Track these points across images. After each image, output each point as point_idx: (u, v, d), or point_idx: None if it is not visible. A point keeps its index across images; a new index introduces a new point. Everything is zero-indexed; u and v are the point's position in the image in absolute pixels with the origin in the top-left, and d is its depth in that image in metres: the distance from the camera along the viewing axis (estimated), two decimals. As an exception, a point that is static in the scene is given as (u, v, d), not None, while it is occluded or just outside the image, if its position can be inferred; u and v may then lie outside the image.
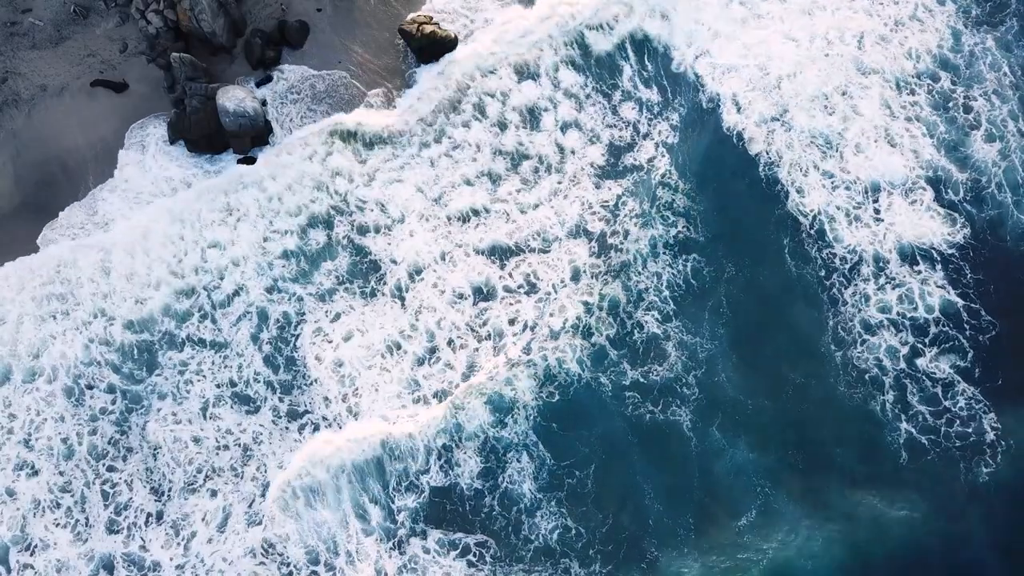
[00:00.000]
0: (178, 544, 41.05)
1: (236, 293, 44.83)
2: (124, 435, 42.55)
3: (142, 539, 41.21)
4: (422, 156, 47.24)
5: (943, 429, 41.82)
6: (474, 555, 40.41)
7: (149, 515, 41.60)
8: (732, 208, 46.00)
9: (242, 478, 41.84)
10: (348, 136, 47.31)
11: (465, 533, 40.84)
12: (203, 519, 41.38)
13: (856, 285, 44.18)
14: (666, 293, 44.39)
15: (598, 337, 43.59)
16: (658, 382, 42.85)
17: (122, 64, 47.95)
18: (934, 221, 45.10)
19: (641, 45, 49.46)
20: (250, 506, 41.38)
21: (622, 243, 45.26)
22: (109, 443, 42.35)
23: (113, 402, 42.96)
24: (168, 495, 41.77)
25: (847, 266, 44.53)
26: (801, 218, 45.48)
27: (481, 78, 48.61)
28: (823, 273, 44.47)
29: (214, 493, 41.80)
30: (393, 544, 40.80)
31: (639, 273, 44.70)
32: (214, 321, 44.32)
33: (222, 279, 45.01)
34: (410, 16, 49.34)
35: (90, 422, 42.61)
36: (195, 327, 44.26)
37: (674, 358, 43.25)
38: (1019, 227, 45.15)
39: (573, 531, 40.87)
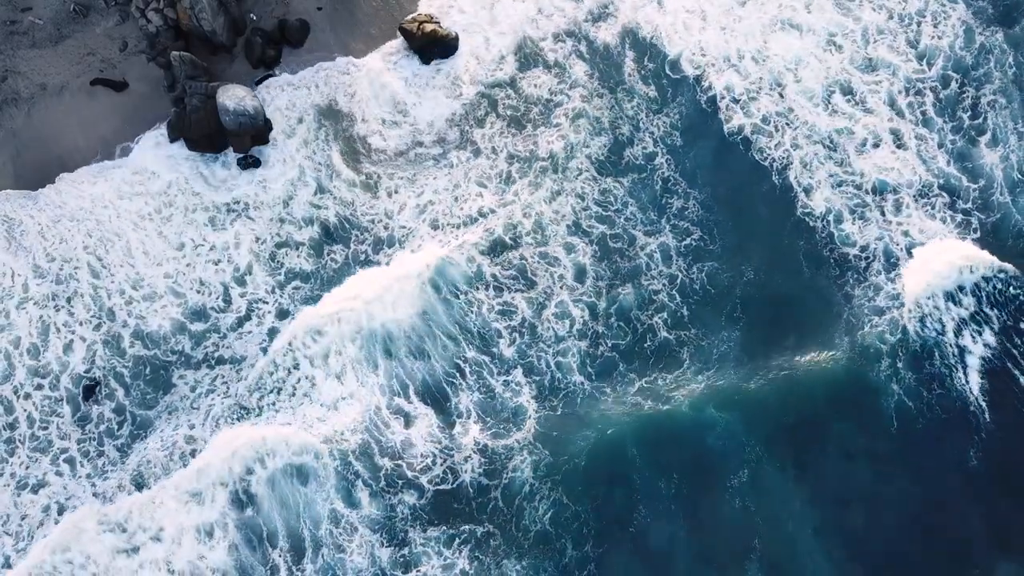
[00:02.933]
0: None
1: (247, 316, 44.13)
2: (126, 457, 42.01)
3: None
4: (428, 154, 47.17)
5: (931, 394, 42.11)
6: (480, 540, 40.09)
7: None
8: (739, 211, 45.73)
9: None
10: (349, 139, 47.26)
11: (471, 524, 40.58)
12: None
13: (866, 284, 43.87)
14: (679, 299, 44.09)
15: (604, 347, 43.24)
16: (665, 386, 42.63)
17: (122, 63, 47.79)
18: (943, 223, 44.86)
19: (638, 37, 49.32)
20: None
21: (628, 248, 45.03)
22: (110, 462, 41.78)
23: (121, 424, 42.36)
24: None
25: (858, 265, 44.21)
26: (810, 220, 45.18)
27: (483, 70, 48.67)
28: (835, 272, 44.18)
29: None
30: (389, 537, 40.42)
31: (651, 280, 44.38)
32: (225, 341, 43.76)
33: (229, 302, 44.38)
34: (410, 15, 49.21)
35: (97, 445, 42.01)
36: (210, 349, 43.59)
37: (687, 363, 42.95)
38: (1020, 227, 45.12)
39: (568, 512, 40.50)
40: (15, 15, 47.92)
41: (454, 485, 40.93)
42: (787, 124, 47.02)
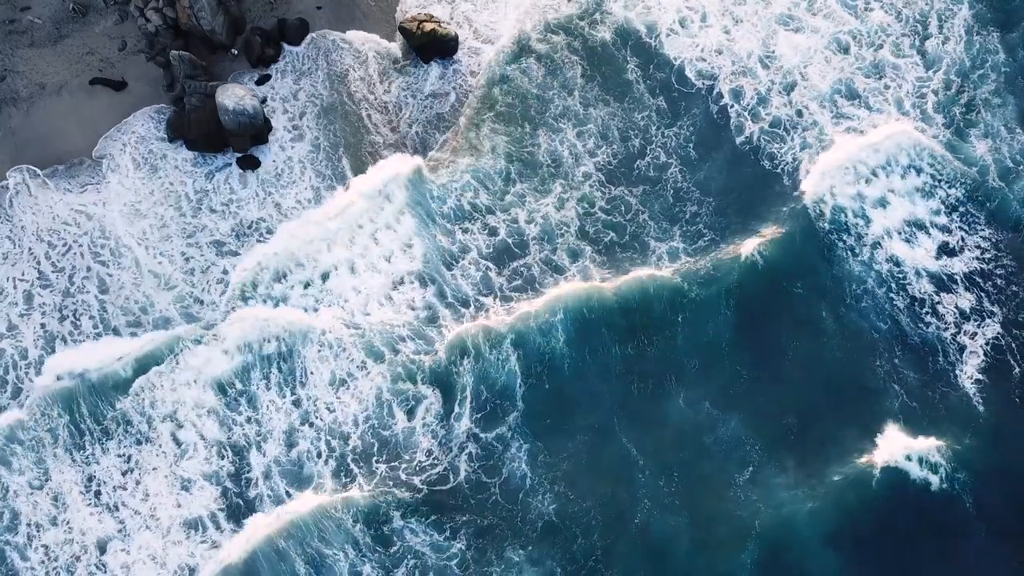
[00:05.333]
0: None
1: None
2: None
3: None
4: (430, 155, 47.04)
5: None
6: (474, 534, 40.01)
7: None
8: (750, 210, 45.61)
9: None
10: (353, 143, 47.08)
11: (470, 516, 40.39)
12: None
13: (871, 277, 43.85)
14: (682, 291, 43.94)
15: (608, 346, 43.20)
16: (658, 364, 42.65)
17: (121, 62, 47.65)
18: (941, 215, 44.99)
19: (636, 37, 49.18)
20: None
21: (637, 250, 44.85)
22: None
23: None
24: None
25: (863, 256, 44.20)
26: (818, 216, 45.04)
27: (484, 70, 48.54)
28: (840, 260, 44.25)
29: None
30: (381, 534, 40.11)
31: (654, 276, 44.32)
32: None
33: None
34: (410, 14, 49.06)
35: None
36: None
37: (682, 347, 42.94)
38: (1015, 219, 45.09)
39: (573, 507, 40.34)
40: (14, 14, 47.80)
41: (453, 483, 40.87)
42: (796, 126, 46.91)
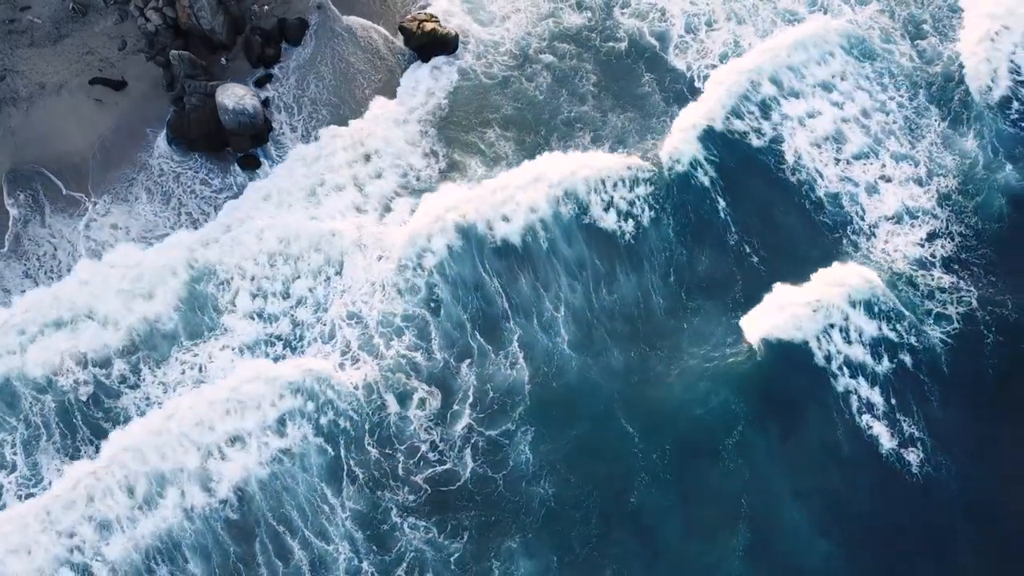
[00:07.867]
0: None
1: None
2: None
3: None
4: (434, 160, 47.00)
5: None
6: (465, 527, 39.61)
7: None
8: (758, 203, 45.94)
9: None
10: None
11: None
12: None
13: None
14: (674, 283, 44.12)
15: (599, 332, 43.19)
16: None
17: (121, 62, 47.65)
18: (934, 205, 45.58)
19: (651, 50, 49.58)
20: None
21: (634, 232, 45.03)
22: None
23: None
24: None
25: (859, 252, 44.58)
26: (817, 209, 45.56)
27: (486, 71, 48.62)
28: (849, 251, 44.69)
29: None
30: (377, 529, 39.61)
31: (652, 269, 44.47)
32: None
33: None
34: (410, 14, 49.15)
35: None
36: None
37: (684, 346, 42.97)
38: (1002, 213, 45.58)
39: (572, 492, 40.01)
40: (14, 14, 47.84)
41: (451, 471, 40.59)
42: (801, 126, 47.23)
